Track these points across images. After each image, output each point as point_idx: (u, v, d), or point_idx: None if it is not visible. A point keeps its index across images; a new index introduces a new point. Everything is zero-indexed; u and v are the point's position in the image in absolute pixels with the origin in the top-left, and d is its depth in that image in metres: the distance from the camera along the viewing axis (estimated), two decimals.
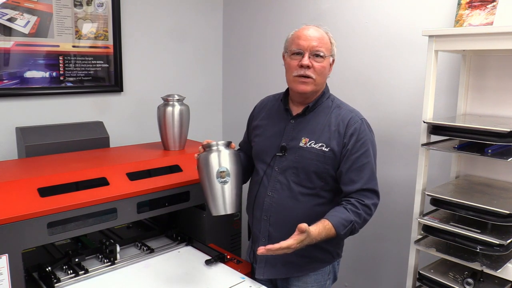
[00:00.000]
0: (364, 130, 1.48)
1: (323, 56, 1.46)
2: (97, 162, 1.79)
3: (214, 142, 1.48)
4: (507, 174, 1.70)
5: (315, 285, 1.57)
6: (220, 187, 1.43)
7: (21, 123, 2.06)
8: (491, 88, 1.73)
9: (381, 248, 2.20)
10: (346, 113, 1.50)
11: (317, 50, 1.45)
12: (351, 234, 1.43)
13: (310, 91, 1.48)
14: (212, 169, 1.44)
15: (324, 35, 1.49)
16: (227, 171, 1.44)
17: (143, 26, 2.48)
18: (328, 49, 1.48)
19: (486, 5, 1.64)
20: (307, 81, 1.47)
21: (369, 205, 1.44)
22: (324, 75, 1.50)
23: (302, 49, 1.46)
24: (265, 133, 1.61)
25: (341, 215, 1.40)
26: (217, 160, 1.45)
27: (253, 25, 2.70)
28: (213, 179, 1.44)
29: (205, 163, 1.46)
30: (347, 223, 1.39)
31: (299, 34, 1.48)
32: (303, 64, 1.45)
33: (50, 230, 1.43)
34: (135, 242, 1.84)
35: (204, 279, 1.56)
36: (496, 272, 1.42)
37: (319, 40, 1.46)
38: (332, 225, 1.36)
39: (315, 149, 1.47)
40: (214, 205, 1.45)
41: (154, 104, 2.13)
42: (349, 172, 1.45)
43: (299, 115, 1.54)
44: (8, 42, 2.00)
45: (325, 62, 1.47)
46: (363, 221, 1.43)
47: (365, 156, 1.46)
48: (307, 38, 1.46)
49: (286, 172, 1.51)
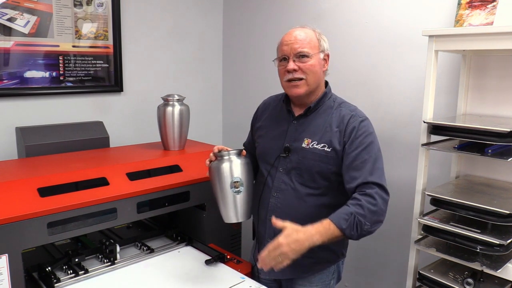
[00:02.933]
0: (363, 127, 1.46)
1: (308, 55, 1.45)
2: (97, 162, 1.79)
3: (225, 152, 1.48)
4: (507, 174, 1.70)
5: (320, 284, 1.58)
6: (233, 197, 1.45)
7: (21, 123, 2.06)
8: (491, 88, 1.73)
9: (381, 248, 2.20)
10: (347, 113, 1.49)
11: (299, 52, 1.45)
12: (360, 229, 1.33)
13: (304, 92, 1.48)
14: (224, 179, 1.45)
15: (307, 33, 1.48)
16: (241, 181, 1.45)
17: (143, 26, 2.48)
18: (314, 47, 1.47)
19: (486, 5, 1.64)
20: (298, 84, 1.47)
21: (371, 193, 1.35)
22: (315, 73, 1.48)
23: (286, 54, 1.47)
24: (268, 134, 1.61)
25: (341, 210, 1.35)
26: (229, 170, 1.45)
27: (253, 25, 2.70)
28: (225, 189, 1.45)
29: (217, 173, 1.47)
30: (347, 216, 1.32)
31: (282, 40, 1.50)
32: (288, 69, 1.46)
33: (50, 230, 1.43)
34: (135, 242, 1.83)
35: (204, 279, 1.56)
36: (496, 272, 1.42)
37: (301, 42, 1.46)
38: (331, 222, 1.31)
39: (318, 150, 1.47)
40: (227, 213, 1.48)
41: (154, 104, 2.13)
42: (350, 170, 1.43)
43: (301, 115, 1.54)
44: (8, 42, 2.00)
45: (313, 60, 1.46)
46: (368, 212, 1.33)
47: (366, 152, 1.42)
48: (288, 43, 1.47)
49: (291, 173, 1.51)
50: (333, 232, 1.31)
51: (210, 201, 1.86)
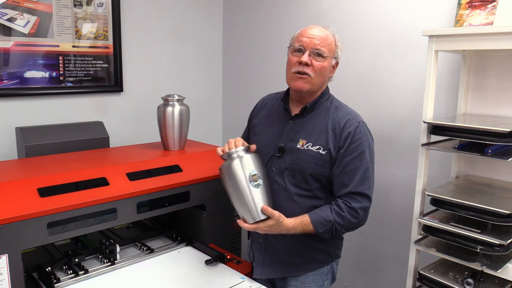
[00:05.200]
0: (359, 133, 1.45)
1: (324, 55, 1.45)
2: (97, 162, 1.79)
3: (232, 150, 1.40)
4: (507, 174, 1.70)
5: (313, 285, 1.57)
6: (254, 192, 1.35)
7: (21, 123, 2.06)
8: (491, 88, 1.73)
9: (381, 248, 2.20)
10: (343, 115, 1.48)
11: (318, 49, 1.44)
12: (334, 234, 1.44)
13: (306, 89, 1.47)
14: (239, 177, 1.36)
15: (329, 35, 1.48)
16: (258, 174, 1.38)
17: (143, 26, 2.48)
18: (331, 50, 1.47)
19: (486, 5, 1.64)
20: (304, 78, 1.46)
21: (355, 208, 1.41)
22: (323, 75, 1.48)
23: (304, 46, 1.45)
24: (264, 132, 1.60)
25: (322, 214, 1.42)
26: (241, 166, 1.37)
27: (253, 25, 2.70)
28: (243, 186, 1.35)
29: (229, 172, 1.38)
30: (326, 222, 1.40)
31: (303, 31, 1.48)
32: (302, 61, 1.44)
33: (50, 230, 1.43)
34: (135, 242, 1.83)
35: (204, 279, 1.56)
36: (496, 272, 1.42)
37: (322, 39, 1.45)
38: (310, 221, 1.40)
39: (312, 152, 1.46)
40: (251, 212, 1.35)
41: (154, 104, 2.13)
42: (341, 175, 1.44)
43: (297, 115, 1.53)
44: (8, 42, 2.00)
45: (326, 63, 1.46)
46: (348, 223, 1.42)
47: (359, 160, 1.43)
48: (309, 36, 1.45)
49: (283, 173, 1.50)
50: (308, 229, 1.41)
51: (210, 201, 1.86)
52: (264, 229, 1.37)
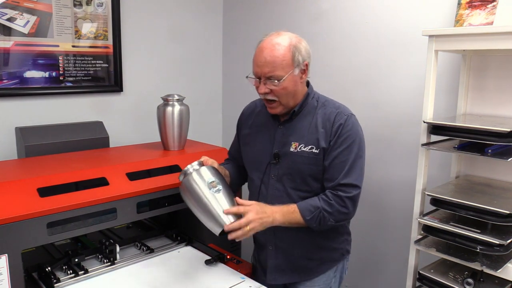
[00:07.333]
0: (348, 125, 1.44)
1: (279, 79, 1.39)
2: (97, 162, 1.79)
3: (187, 167, 1.45)
4: (507, 174, 1.70)
5: (322, 284, 1.58)
6: (215, 199, 1.37)
7: (21, 123, 2.06)
8: (491, 88, 1.73)
9: (381, 248, 2.20)
10: (331, 111, 1.48)
11: (270, 76, 1.39)
12: (322, 223, 1.41)
13: (280, 111, 1.48)
14: (199, 187, 1.38)
15: (279, 54, 1.38)
16: (217, 180, 1.40)
17: (143, 26, 2.48)
18: (286, 66, 1.38)
19: (486, 5, 1.64)
20: (273, 105, 1.46)
21: (342, 197, 1.41)
22: (288, 94, 1.43)
23: (257, 75, 1.43)
24: (255, 141, 1.59)
25: (310, 202, 1.42)
26: (199, 177, 1.40)
27: (253, 25, 2.70)
28: (204, 195, 1.37)
29: (188, 186, 1.40)
30: (314, 209, 1.40)
31: (255, 58, 1.43)
32: (259, 92, 1.45)
33: (50, 230, 1.43)
34: (135, 242, 1.83)
35: (204, 279, 1.55)
36: (496, 272, 1.42)
37: (271, 65, 1.38)
38: (297, 208, 1.40)
39: (306, 153, 1.46)
40: (218, 217, 1.36)
41: (154, 104, 2.13)
42: (330, 168, 1.44)
43: (286, 120, 1.52)
44: (8, 42, 2.00)
45: (285, 82, 1.40)
46: (336, 212, 1.41)
47: (348, 152, 1.43)
48: (259, 64, 1.40)
49: (282, 179, 1.50)
50: (295, 217, 1.40)
51: None
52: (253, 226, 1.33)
